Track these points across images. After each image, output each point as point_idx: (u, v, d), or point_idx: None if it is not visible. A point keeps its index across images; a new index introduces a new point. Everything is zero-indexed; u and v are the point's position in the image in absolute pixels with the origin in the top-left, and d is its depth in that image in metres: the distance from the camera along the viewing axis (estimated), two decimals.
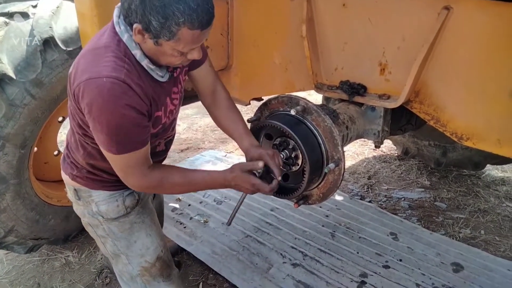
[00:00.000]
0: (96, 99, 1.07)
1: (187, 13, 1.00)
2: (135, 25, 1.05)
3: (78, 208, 1.49)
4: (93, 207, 1.42)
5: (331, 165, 1.40)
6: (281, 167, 1.38)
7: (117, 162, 1.21)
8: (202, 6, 1.02)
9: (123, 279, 1.58)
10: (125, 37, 1.12)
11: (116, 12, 1.15)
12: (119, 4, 1.11)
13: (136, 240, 1.48)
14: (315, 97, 4.67)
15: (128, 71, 1.11)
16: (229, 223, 1.43)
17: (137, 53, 1.14)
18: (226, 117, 1.50)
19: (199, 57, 1.17)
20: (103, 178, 1.38)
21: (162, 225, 2.14)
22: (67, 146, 1.43)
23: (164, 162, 1.54)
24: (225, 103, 1.51)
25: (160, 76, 1.22)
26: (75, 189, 1.43)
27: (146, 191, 1.35)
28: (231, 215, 1.44)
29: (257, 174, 1.33)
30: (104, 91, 1.06)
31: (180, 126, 4.92)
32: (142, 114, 1.14)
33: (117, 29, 1.13)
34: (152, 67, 1.18)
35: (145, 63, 1.16)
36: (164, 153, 1.51)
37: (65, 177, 1.46)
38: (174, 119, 1.45)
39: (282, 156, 1.45)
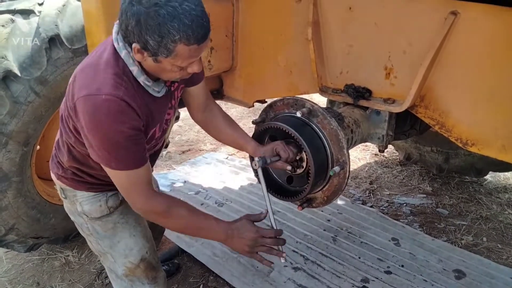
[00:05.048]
0: (94, 116, 1.08)
1: (182, 30, 1.00)
2: (134, 45, 1.06)
3: (66, 206, 1.52)
4: (77, 206, 1.44)
5: (336, 168, 1.39)
6: (292, 157, 1.43)
7: (117, 177, 1.20)
8: (196, 21, 1.01)
9: (112, 276, 1.59)
10: (123, 54, 1.13)
11: (115, 28, 1.15)
12: (118, 20, 1.11)
13: (120, 240, 1.49)
14: (317, 100, 4.67)
15: (126, 88, 1.12)
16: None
17: (134, 70, 1.14)
18: (227, 125, 1.55)
19: (199, 70, 1.17)
20: (87, 180, 1.40)
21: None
22: (55, 146, 1.44)
23: (167, 163, 1.54)
24: (221, 114, 1.55)
25: (157, 91, 1.22)
26: (61, 188, 1.46)
27: (152, 218, 1.30)
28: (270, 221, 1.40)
29: (257, 164, 1.36)
30: (102, 109, 1.07)
31: (182, 127, 4.91)
32: (139, 131, 1.16)
33: (115, 45, 1.13)
34: (149, 83, 1.18)
35: (142, 79, 1.16)
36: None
37: (52, 175, 1.48)
38: (165, 133, 1.47)
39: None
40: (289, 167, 1.42)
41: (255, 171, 1.42)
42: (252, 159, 1.60)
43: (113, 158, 1.14)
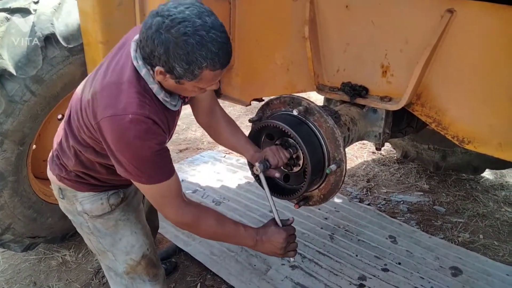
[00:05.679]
0: (122, 137, 1.10)
1: (210, 57, 1.03)
2: (157, 68, 1.08)
3: (62, 206, 1.51)
4: (77, 206, 1.43)
5: (333, 166, 1.39)
6: (283, 163, 1.45)
7: (149, 192, 1.24)
8: (223, 48, 1.05)
9: (110, 274, 1.58)
10: (143, 72, 1.14)
11: (133, 46, 1.16)
12: (136, 38, 1.13)
13: (121, 237, 1.49)
14: (314, 99, 4.66)
15: (150, 106, 1.14)
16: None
17: (154, 88, 1.17)
18: (227, 130, 1.57)
19: (217, 87, 1.21)
20: (90, 182, 1.40)
21: (157, 224, 2.14)
22: (57, 148, 1.42)
23: None
24: (224, 118, 1.58)
25: (174, 105, 1.26)
26: (60, 188, 1.45)
27: (183, 228, 1.36)
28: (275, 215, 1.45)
29: (259, 170, 1.38)
30: (130, 129, 1.09)
31: (179, 126, 4.90)
32: (164, 144, 1.19)
33: (135, 63, 1.15)
34: (168, 99, 1.22)
35: (161, 96, 1.19)
36: None
37: (51, 176, 1.46)
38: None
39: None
40: (277, 175, 1.49)
41: (256, 176, 1.44)
42: (251, 165, 1.60)
43: (144, 174, 1.17)
